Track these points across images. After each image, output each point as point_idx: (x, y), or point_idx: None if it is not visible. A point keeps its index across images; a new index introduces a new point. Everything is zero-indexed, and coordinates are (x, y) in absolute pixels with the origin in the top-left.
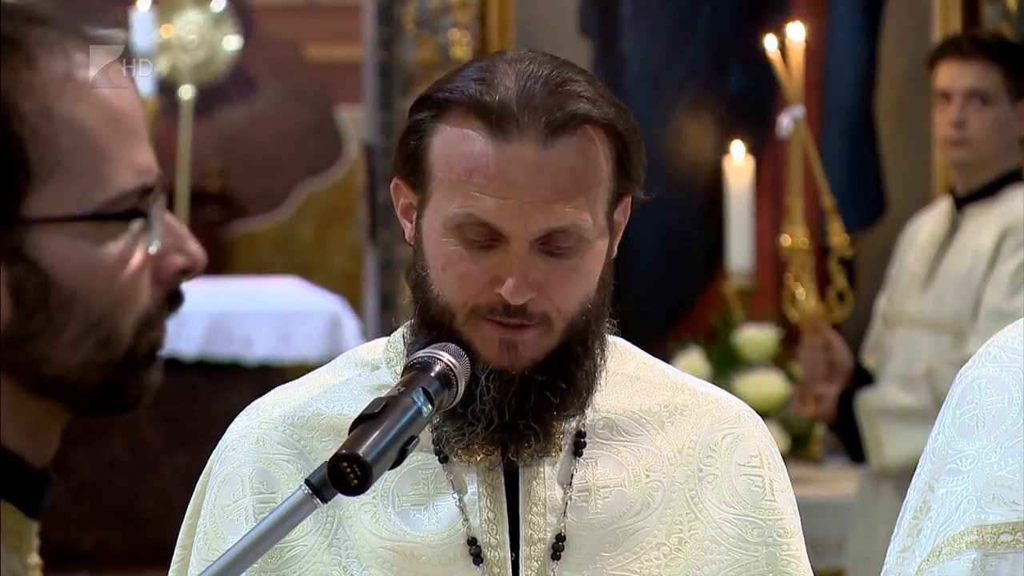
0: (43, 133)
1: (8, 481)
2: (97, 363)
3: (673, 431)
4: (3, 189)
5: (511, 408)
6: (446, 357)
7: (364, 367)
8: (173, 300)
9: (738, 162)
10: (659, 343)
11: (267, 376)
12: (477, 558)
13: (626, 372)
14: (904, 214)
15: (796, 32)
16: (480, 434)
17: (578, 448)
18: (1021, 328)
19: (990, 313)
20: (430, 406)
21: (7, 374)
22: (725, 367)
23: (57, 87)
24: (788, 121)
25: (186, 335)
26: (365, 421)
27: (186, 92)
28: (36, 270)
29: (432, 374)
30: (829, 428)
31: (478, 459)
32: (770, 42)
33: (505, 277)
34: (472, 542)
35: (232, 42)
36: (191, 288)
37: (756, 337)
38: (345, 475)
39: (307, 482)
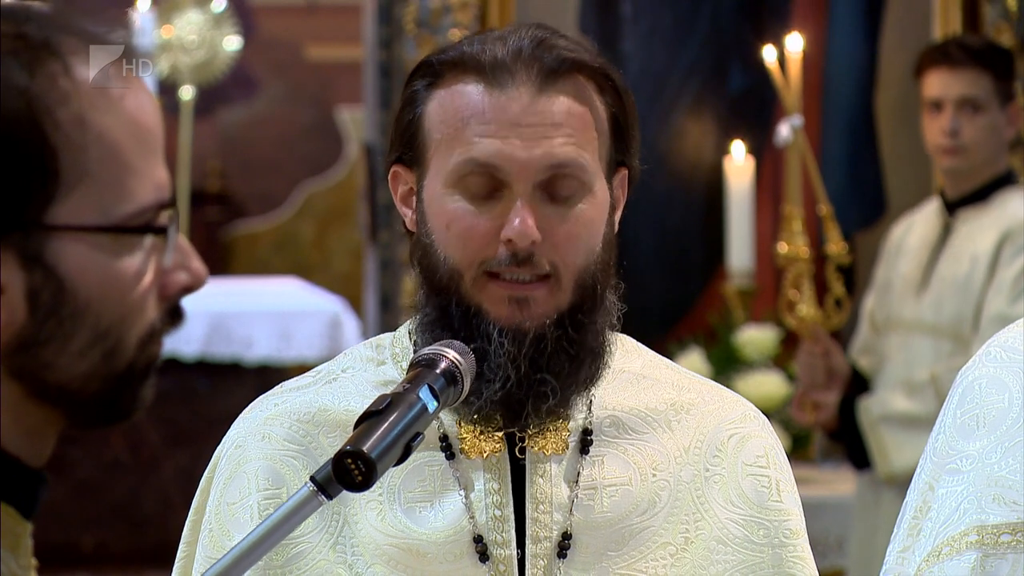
0: (75, 142)
1: (6, 482)
2: (99, 374)
3: (680, 430)
4: (32, 195)
5: (526, 362)
6: (451, 354)
7: (369, 362)
8: (174, 316)
9: (738, 162)
10: (659, 343)
11: (267, 376)
12: (483, 555)
13: (633, 370)
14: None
15: (794, 43)
16: (498, 392)
17: (584, 446)
18: (1021, 329)
19: (993, 319)
20: (435, 403)
21: (13, 378)
22: (725, 367)
23: (91, 97)
24: (786, 130)
25: (186, 335)
26: (370, 418)
27: (186, 92)
28: (53, 277)
29: (437, 371)
30: (828, 436)
31: (485, 455)
32: (768, 52)
33: (510, 221)
34: (478, 539)
35: (232, 42)
36: None
37: (756, 337)
38: (349, 472)
39: (312, 479)
